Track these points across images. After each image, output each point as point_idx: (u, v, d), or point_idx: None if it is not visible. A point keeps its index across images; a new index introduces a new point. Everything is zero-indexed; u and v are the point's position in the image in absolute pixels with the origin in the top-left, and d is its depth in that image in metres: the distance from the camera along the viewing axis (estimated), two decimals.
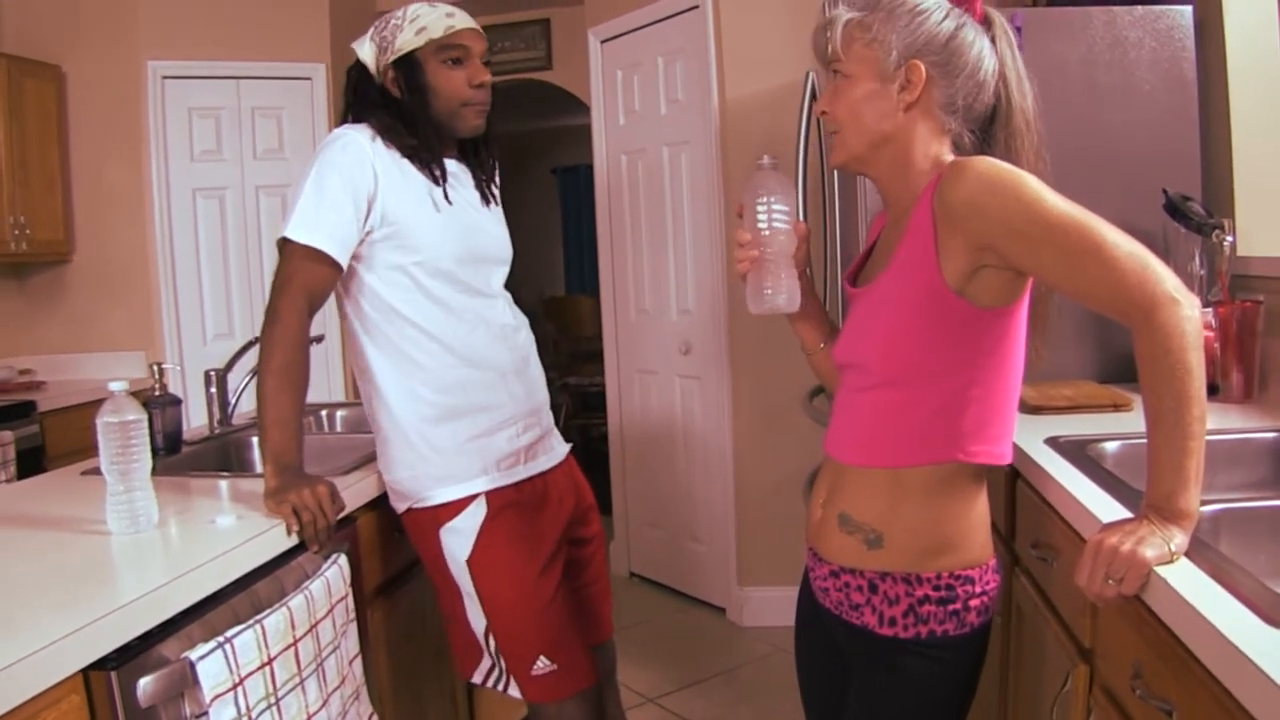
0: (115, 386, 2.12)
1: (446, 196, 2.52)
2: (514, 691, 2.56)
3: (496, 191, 2.75)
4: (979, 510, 1.84)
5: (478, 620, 2.53)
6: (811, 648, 2.12)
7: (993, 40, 1.80)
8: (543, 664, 2.51)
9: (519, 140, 11.32)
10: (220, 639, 1.78)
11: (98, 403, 5.11)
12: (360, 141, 2.45)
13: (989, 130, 1.83)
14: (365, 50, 2.55)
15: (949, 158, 1.80)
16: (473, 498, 2.51)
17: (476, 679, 2.62)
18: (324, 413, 3.87)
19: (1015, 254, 1.63)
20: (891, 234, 1.89)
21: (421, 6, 2.51)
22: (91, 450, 4.45)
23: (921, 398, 1.77)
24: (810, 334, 2.17)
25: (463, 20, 2.52)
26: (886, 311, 1.80)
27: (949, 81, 1.77)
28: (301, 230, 2.37)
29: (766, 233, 1.97)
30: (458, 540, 2.50)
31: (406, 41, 2.48)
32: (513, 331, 2.65)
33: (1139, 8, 3.23)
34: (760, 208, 1.97)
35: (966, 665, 1.85)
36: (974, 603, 1.80)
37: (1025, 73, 1.82)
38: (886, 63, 1.77)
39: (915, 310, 1.74)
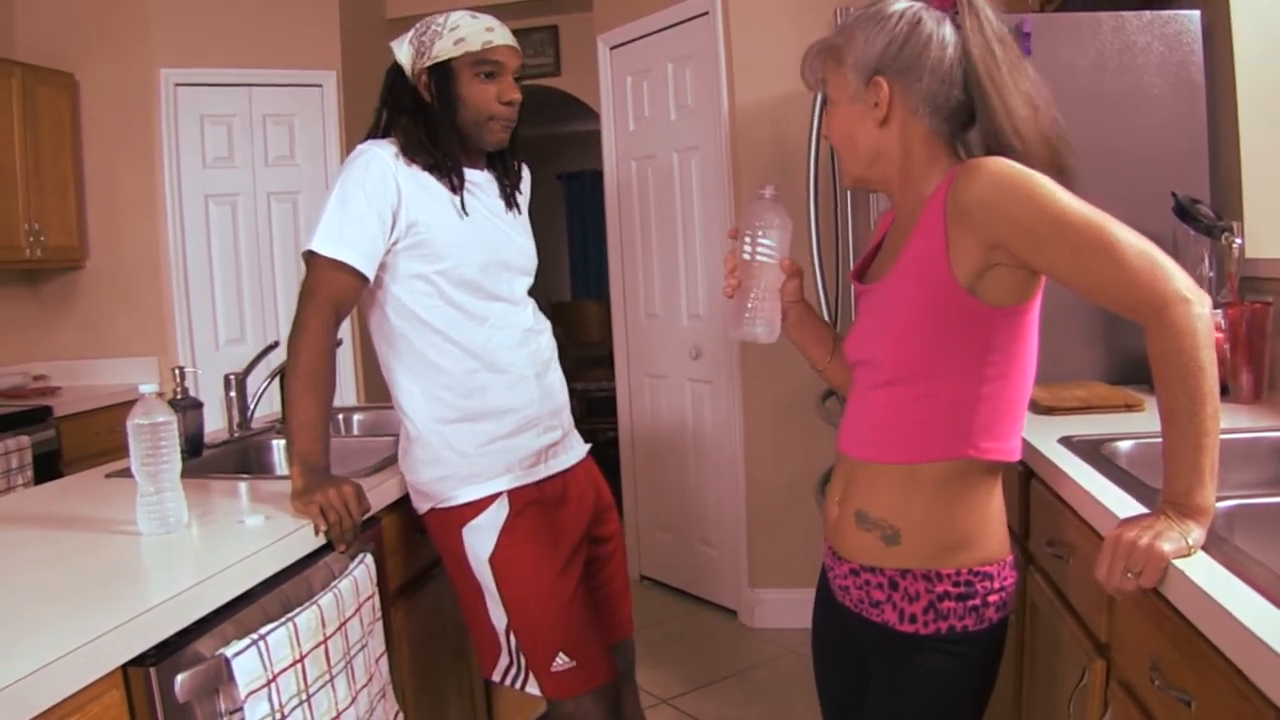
0: (145, 389, 2.14)
1: (463, 204, 2.55)
2: (532, 688, 2.59)
3: (522, 199, 2.78)
4: (995, 506, 1.86)
5: (498, 617, 2.56)
6: (829, 648, 2.14)
7: (961, 21, 1.78)
8: (562, 660, 2.54)
9: (525, 146, 11.30)
10: (254, 636, 1.81)
11: (113, 408, 5.22)
12: (383, 157, 2.49)
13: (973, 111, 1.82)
14: (403, 52, 2.57)
15: (950, 159, 1.83)
16: (495, 496, 2.54)
17: (495, 677, 2.64)
18: (341, 416, 3.89)
19: (1026, 253, 1.65)
20: (899, 233, 1.91)
21: (463, 16, 2.54)
22: (108, 455, 4.51)
23: (933, 394, 1.79)
24: (817, 351, 2.20)
25: (501, 36, 2.55)
26: (896, 309, 1.82)
27: (913, 86, 1.79)
28: (326, 244, 2.42)
29: (747, 262, 2.02)
30: (480, 538, 2.53)
31: (443, 50, 2.51)
32: (534, 335, 2.68)
33: (1147, 13, 3.25)
34: (746, 238, 2.02)
35: (985, 661, 1.87)
36: (992, 598, 1.82)
37: (999, 34, 1.77)
38: (856, 84, 1.82)
39: (926, 307, 1.77)
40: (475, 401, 2.56)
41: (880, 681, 1.93)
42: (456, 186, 2.55)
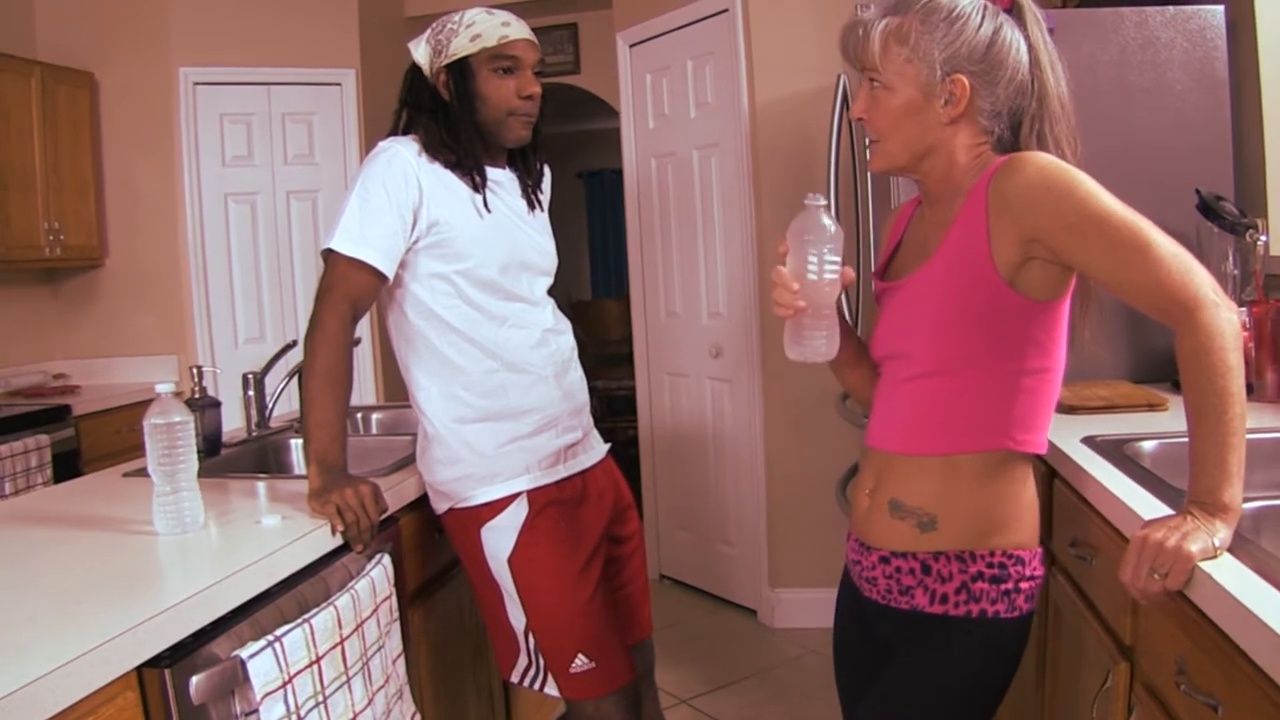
0: (162, 388, 2.14)
1: (486, 204, 2.54)
2: (551, 689, 2.58)
3: (543, 198, 2.77)
4: (1029, 496, 1.85)
5: (517, 618, 2.55)
6: (851, 649, 2.11)
7: (1024, 28, 1.80)
8: (581, 661, 2.52)
9: (544, 144, 11.31)
10: (270, 637, 1.80)
11: (132, 406, 5.23)
12: (405, 155, 2.48)
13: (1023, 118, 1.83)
14: (420, 52, 2.56)
15: (993, 155, 1.82)
16: (514, 496, 2.53)
17: (514, 678, 2.63)
18: (359, 415, 3.89)
19: (1065, 247, 1.65)
20: (932, 226, 1.90)
21: (479, 13, 2.53)
22: (126, 453, 4.51)
23: (972, 384, 1.78)
24: (843, 353, 2.09)
25: (518, 30, 2.53)
26: (935, 300, 1.81)
27: (991, 90, 1.78)
28: (346, 242, 2.41)
29: (815, 281, 1.84)
30: (499, 539, 2.52)
31: (460, 47, 2.49)
32: (554, 336, 2.67)
33: (1170, 8, 3.23)
34: (812, 256, 1.83)
35: (1010, 652, 1.85)
36: (1024, 585, 1.81)
37: (1057, 56, 1.82)
38: (930, 78, 1.77)
39: (966, 298, 1.76)
40: (494, 401, 2.55)
41: (900, 665, 1.90)
42: (479, 185, 2.54)
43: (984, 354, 1.77)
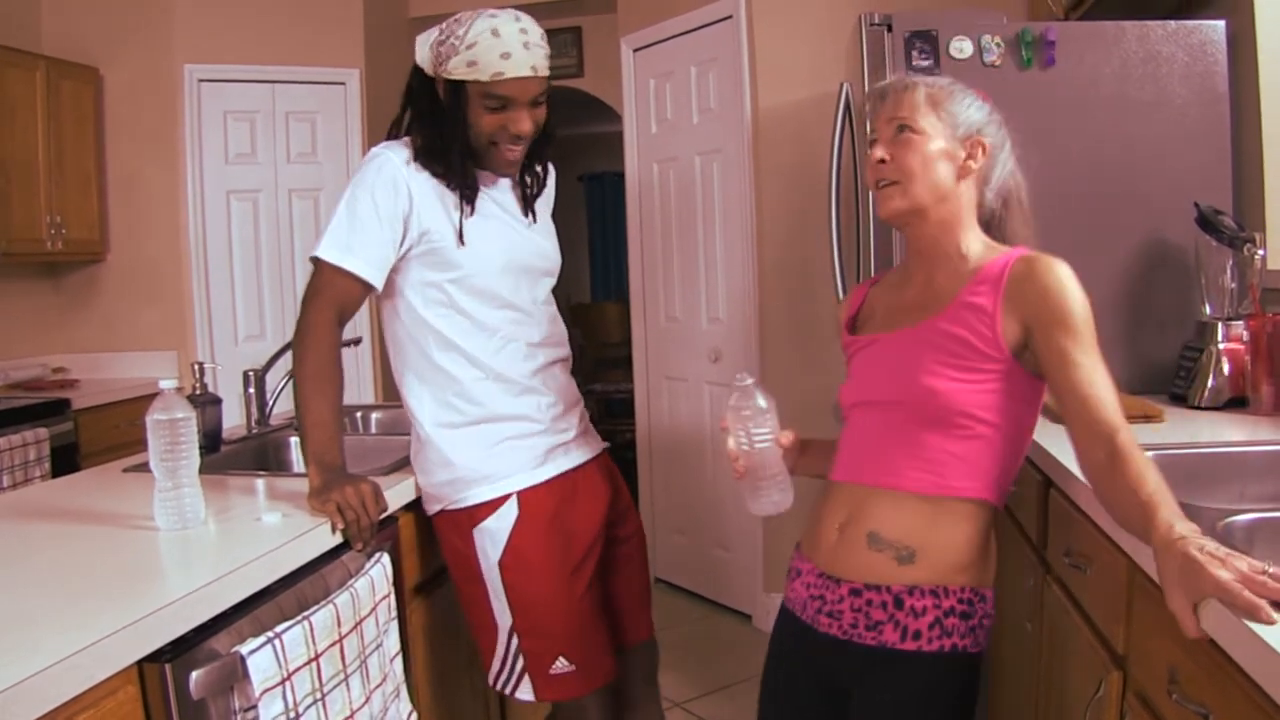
0: (165, 384, 2.15)
1: (473, 212, 2.52)
2: (524, 694, 2.58)
3: (544, 203, 2.74)
4: (993, 542, 1.99)
5: (503, 618, 2.55)
6: (795, 696, 2.12)
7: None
8: (561, 664, 2.53)
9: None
10: (270, 634, 1.81)
11: (131, 401, 5.23)
12: (395, 162, 2.47)
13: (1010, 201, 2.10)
14: (423, 54, 2.49)
15: (981, 234, 2.04)
16: (505, 498, 2.53)
17: (489, 681, 2.64)
18: (359, 414, 3.90)
19: (1055, 341, 1.83)
20: (923, 285, 2.06)
21: (484, 34, 2.37)
22: (125, 448, 4.52)
23: (972, 436, 1.90)
24: (826, 465, 2.23)
25: (515, 66, 2.39)
26: (937, 356, 1.92)
27: (992, 160, 2.01)
28: (332, 251, 2.42)
29: (749, 451, 2.12)
30: (491, 540, 2.53)
31: (456, 68, 2.40)
32: (543, 349, 2.65)
33: (1172, 22, 3.24)
34: (741, 431, 2.12)
35: (974, 684, 1.96)
36: (985, 622, 1.94)
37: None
38: (961, 131, 1.99)
39: (975, 361, 1.89)
40: (484, 408, 2.55)
41: (870, 706, 1.95)
42: (469, 196, 2.53)
43: (985, 412, 1.89)
